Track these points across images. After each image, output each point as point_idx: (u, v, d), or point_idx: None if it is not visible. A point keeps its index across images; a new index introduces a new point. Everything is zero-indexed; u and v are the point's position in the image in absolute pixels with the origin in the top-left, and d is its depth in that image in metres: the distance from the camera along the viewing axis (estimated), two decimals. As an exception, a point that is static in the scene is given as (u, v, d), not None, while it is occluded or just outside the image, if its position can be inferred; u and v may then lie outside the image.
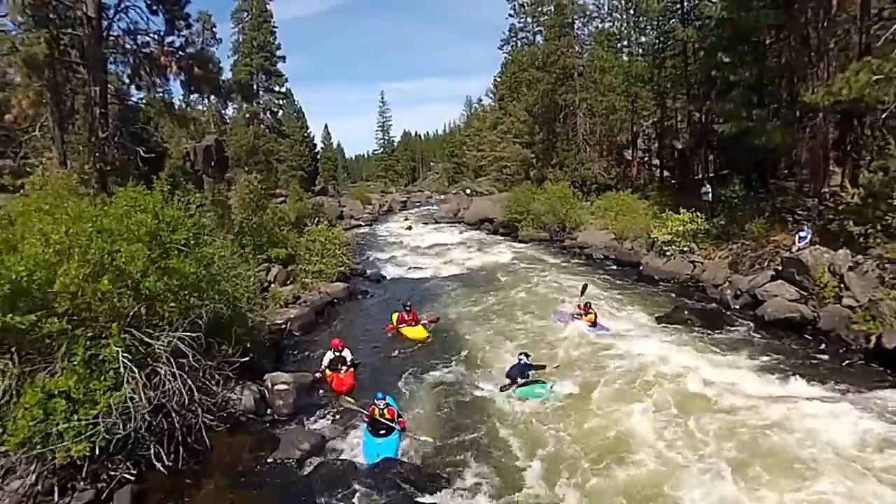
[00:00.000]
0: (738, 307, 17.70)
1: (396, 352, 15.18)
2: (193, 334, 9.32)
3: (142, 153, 18.76)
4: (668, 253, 22.26)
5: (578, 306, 16.47)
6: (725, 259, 21.02)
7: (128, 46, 18.46)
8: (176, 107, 67.61)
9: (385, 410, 10.20)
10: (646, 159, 43.84)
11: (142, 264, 8.82)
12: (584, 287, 18.03)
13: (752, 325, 15.95)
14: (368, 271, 25.90)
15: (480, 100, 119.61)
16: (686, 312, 16.88)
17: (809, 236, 17.18)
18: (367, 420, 10.29)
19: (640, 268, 23.35)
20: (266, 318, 14.70)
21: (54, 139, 19.56)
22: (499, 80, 57.84)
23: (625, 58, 41.95)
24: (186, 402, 9.25)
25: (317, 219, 23.74)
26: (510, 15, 53.10)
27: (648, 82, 38.22)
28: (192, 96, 70.16)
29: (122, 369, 8.14)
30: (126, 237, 9.07)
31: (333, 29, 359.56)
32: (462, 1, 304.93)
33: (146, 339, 8.56)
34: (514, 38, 54.16)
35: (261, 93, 56.29)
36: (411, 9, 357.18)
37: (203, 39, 67.16)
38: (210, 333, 10.53)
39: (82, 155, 19.11)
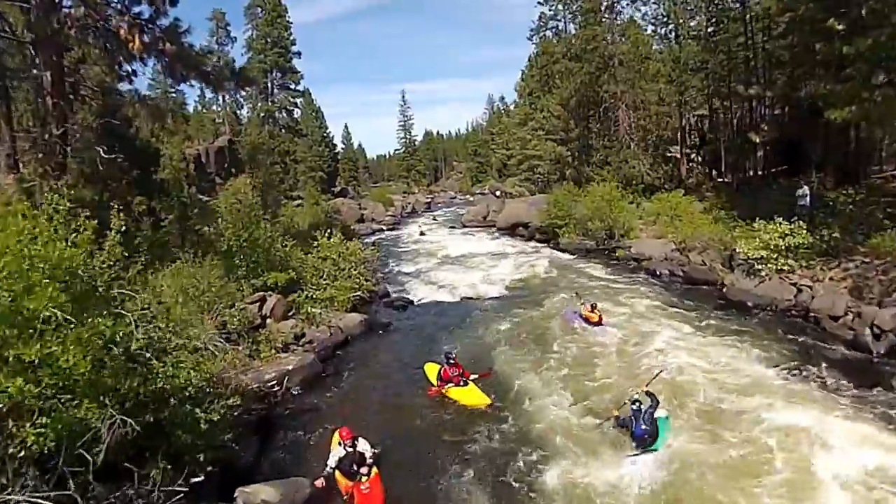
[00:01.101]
0: (883, 352, 12.89)
1: (442, 428, 10.47)
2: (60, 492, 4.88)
3: (101, 153, 14.41)
4: (762, 272, 17.45)
5: (585, 306, 16.02)
6: (841, 282, 16.11)
7: (84, 20, 14.14)
8: (191, 107, 64.14)
9: None
10: (692, 156, 38.93)
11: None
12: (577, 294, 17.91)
13: (923, 384, 11.17)
14: (391, 290, 21.42)
15: (503, 98, 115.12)
16: (824, 365, 12.21)
17: None
18: None
19: (724, 289, 18.55)
20: (249, 386, 10.25)
21: (1, 138, 15.49)
22: (527, 73, 53.06)
23: (672, 43, 36.87)
24: None
25: (329, 230, 19.25)
26: (539, 3, 48.21)
27: (700, 70, 33.35)
28: (207, 96, 66.89)
29: None
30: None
31: (354, 31, 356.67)
32: (481, 2, 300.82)
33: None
34: (544, 28, 49.28)
35: (275, 91, 52.27)
36: (431, 10, 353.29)
37: (217, 38, 63.81)
38: (137, 445, 6.22)
39: (32, 157, 15.05)
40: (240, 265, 15.48)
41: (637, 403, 9.32)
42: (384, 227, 47.63)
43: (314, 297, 16.00)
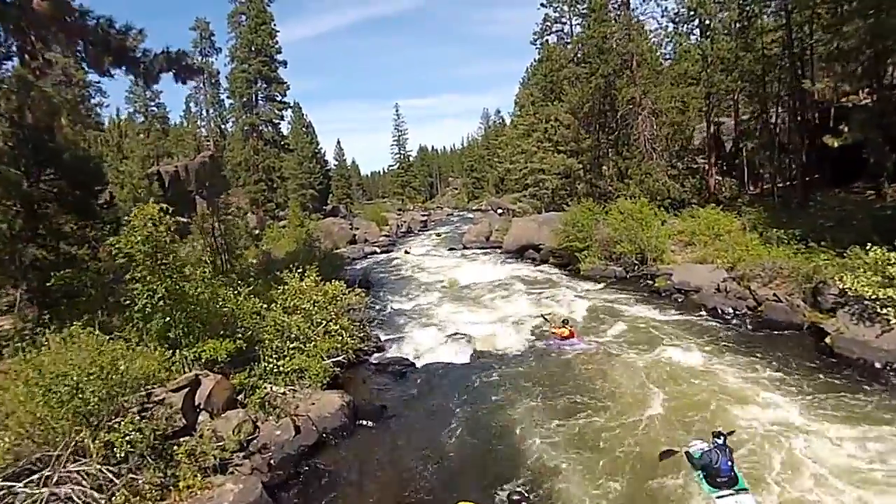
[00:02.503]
0: None
1: None
2: None
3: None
4: (889, 319, 12.55)
5: (556, 326, 15.99)
6: None
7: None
8: (173, 121, 59.01)
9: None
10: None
11: None
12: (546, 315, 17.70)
13: None
14: (385, 340, 16.48)
15: (499, 111, 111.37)
16: None
17: None
18: None
19: (825, 339, 13.58)
20: None
21: None
22: (530, 80, 48.41)
23: (701, 40, 32.04)
24: None
25: (301, 269, 14.26)
26: (542, 5, 43.53)
27: (730, 69, 28.63)
28: (192, 109, 62.01)
29: None
30: None
31: (348, 48, 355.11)
32: (474, 17, 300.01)
33: None
34: (549, 32, 44.61)
35: (260, 102, 47.41)
36: (425, 27, 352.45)
37: (201, 49, 59.10)
38: None
39: None
40: (168, 328, 10.49)
41: (721, 437, 8.23)
42: (377, 250, 42.52)
43: (275, 370, 10.99)
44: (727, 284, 19.21)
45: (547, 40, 45.03)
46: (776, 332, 15.13)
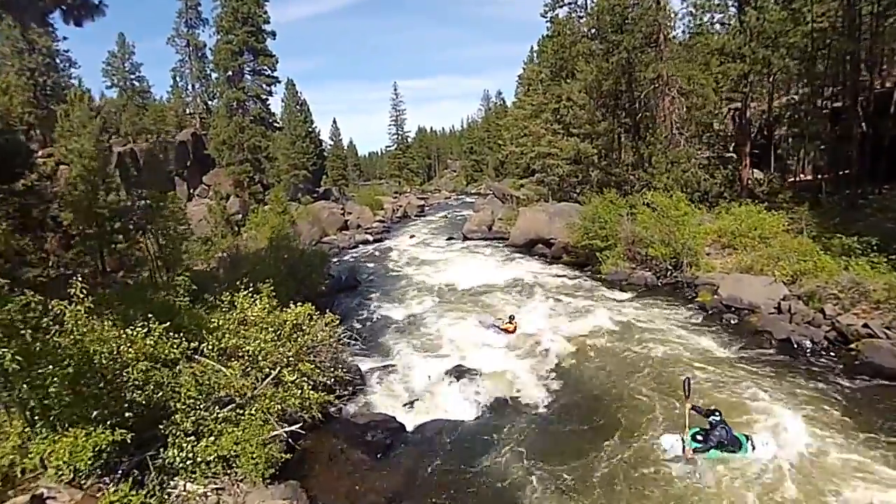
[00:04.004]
0: None
1: None
2: None
3: None
4: None
5: (501, 319, 15.93)
6: None
7: None
8: (161, 97, 53.98)
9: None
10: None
11: None
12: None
13: None
14: (367, 374, 12.48)
15: (500, 93, 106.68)
16: None
17: None
18: None
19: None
20: None
21: None
22: (539, 57, 43.90)
23: (733, 8, 27.61)
24: None
25: (250, 286, 10.20)
26: (554, -29, 38.93)
27: (776, 46, 24.33)
28: (179, 83, 57.30)
29: None
30: None
31: (348, 28, 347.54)
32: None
33: None
34: (560, 4, 39.97)
35: (246, 77, 42.90)
36: (425, 6, 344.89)
37: (187, 19, 54.41)
38: None
39: None
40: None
41: (717, 414, 8.68)
42: (370, 238, 38.31)
43: (189, 460, 6.97)
44: (791, 304, 15.27)
45: (557, 14, 40.52)
46: (883, 383, 11.16)
